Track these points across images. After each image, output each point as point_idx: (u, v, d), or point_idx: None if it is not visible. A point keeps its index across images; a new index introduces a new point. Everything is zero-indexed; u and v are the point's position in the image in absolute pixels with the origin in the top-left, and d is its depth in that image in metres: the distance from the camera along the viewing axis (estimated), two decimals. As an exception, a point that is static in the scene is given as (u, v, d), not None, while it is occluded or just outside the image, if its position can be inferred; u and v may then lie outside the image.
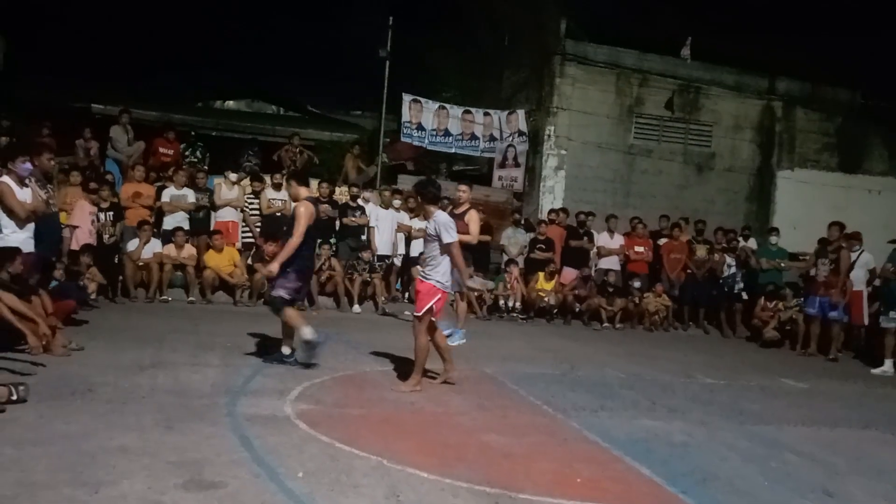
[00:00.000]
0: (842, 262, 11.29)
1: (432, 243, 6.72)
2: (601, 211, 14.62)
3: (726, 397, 7.53)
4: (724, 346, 12.14)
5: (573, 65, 16.13)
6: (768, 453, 5.49)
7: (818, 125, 17.37)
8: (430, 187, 7.06)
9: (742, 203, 17.03)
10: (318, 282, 12.01)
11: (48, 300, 7.36)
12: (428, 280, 6.68)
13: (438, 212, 6.80)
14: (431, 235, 6.71)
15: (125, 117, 13.89)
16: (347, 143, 17.41)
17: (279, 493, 3.92)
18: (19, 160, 7.40)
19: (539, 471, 4.68)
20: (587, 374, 8.14)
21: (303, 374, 6.80)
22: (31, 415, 4.90)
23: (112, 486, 3.81)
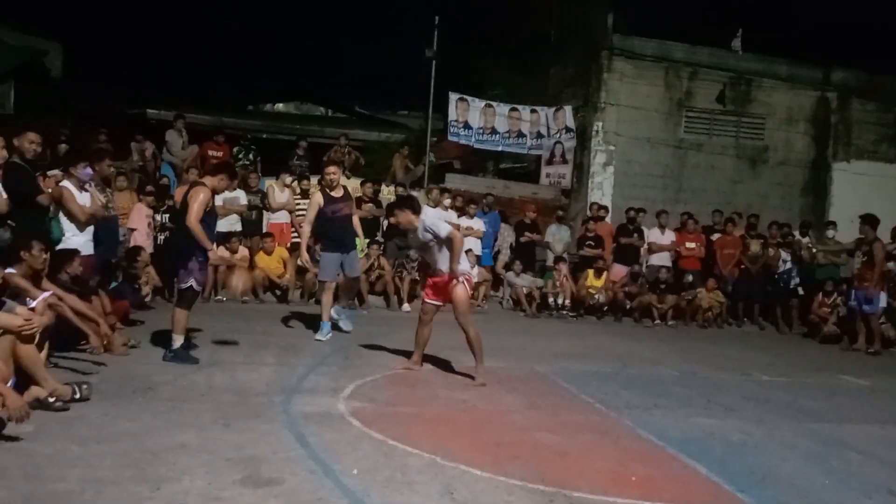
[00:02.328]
0: (876, 254, 11.00)
1: (430, 245, 6.85)
2: (651, 207, 14.43)
3: (784, 395, 7.38)
4: (781, 343, 11.89)
5: (621, 59, 15.93)
6: (829, 452, 5.37)
7: (875, 116, 16.86)
8: (409, 200, 7.39)
9: (797, 197, 16.63)
10: (368, 281, 12.11)
11: (107, 301, 7.57)
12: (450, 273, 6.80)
13: (422, 215, 6.91)
14: (430, 239, 6.81)
15: (180, 122, 14.18)
16: (395, 143, 17.51)
17: (335, 490, 3.96)
18: (80, 166, 7.65)
19: (593, 469, 4.65)
20: (639, 372, 8.06)
21: (356, 372, 6.87)
22: (95, 413, 5.05)
23: (174, 483, 3.90)
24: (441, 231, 6.74)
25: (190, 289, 6.89)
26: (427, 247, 6.96)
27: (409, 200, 7.26)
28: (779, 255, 13.42)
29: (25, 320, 4.97)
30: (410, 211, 6.94)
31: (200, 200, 6.70)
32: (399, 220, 7.19)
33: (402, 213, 7.03)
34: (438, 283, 6.97)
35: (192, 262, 6.82)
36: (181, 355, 6.85)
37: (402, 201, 7.29)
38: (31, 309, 5.41)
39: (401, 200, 7.30)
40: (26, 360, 4.97)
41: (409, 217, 6.93)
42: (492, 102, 16.41)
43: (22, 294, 5.87)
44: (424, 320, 7.14)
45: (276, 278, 11.98)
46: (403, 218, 7.00)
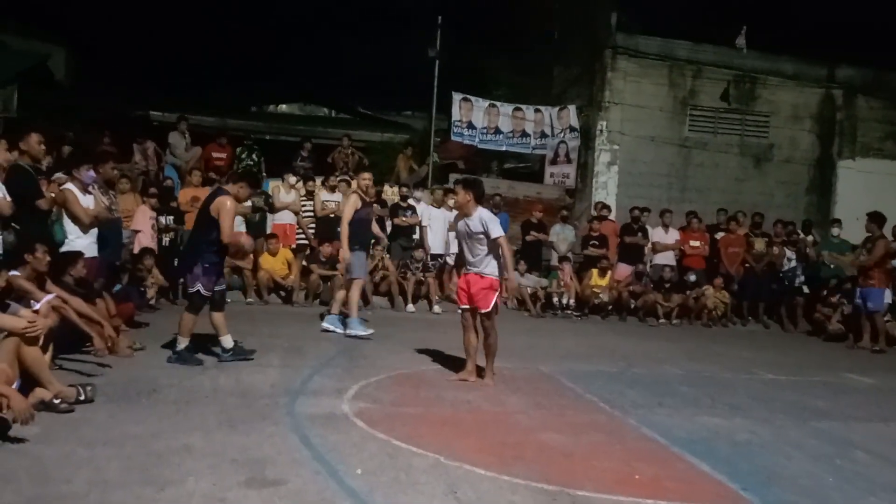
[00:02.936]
0: (875, 250, 10.97)
1: (476, 240, 6.74)
2: (656, 206, 14.40)
3: (790, 394, 7.36)
4: (786, 342, 11.86)
5: (624, 58, 15.91)
6: (836, 451, 5.35)
7: (881, 113, 16.81)
8: (481, 185, 7.12)
9: (802, 195, 16.59)
10: (372, 282, 12.11)
11: (112, 303, 7.59)
12: (486, 276, 6.73)
13: (481, 208, 6.84)
14: (476, 232, 6.71)
15: (183, 124, 14.21)
16: (398, 144, 17.51)
17: (339, 491, 3.96)
18: (84, 168, 7.67)
19: (598, 469, 4.64)
20: (644, 372, 8.04)
21: (360, 374, 6.87)
22: (100, 415, 5.06)
23: (179, 484, 3.91)
24: (493, 232, 6.65)
25: (197, 293, 6.88)
26: (469, 239, 6.81)
27: (476, 185, 7.05)
28: (783, 254, 13.39)
29: (29, 322, 4.99)
30: (473, 196, 6.83)
31: (231, 211, 6.82)
32: (458, 199, 7.08)
33: (464, 194, 6.86)
34: (469, 284, 6.81)
35: (197, 268, 6.83)
36: (184, 357, 6.85)
37: (470, 183, 7.02)
38: (34, 311, 5.43)
39: (469, 182, 7.09)
40: (31, 362, 4.99)
41: (469, 200, 6.81)
42: (495, 102, 16.41)
43: (26, 296, 5.89)
44: (466, 326, 6.95)
45: (280, 279, 11.99)
46: (463, 199, 6.87)
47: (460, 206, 7.02)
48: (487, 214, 6.82)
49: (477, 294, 6.76)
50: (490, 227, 6.67)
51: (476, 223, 6.73)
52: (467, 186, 6.93)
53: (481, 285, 6.75)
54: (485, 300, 6.73)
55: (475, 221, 6.74)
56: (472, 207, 6.80)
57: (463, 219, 6.93)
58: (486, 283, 6.73)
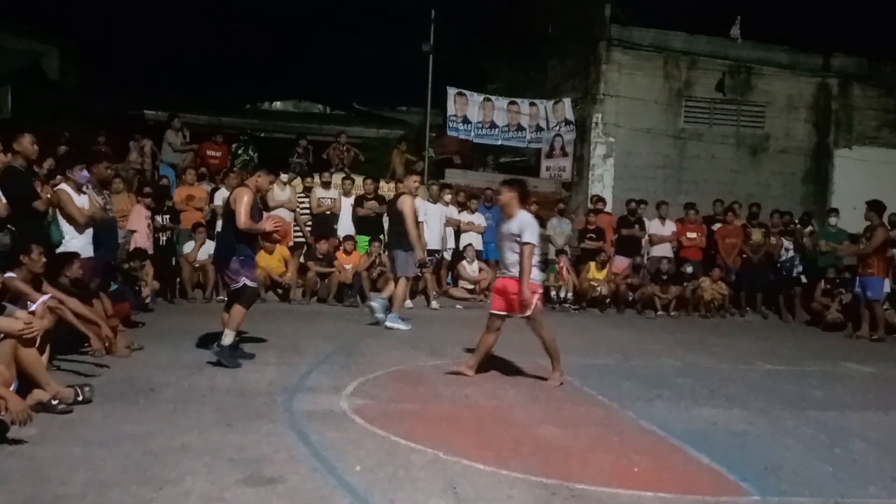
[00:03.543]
0: (874, 238, 10.97)
1: (511, 243, 6.61)
2: (652, 198, 14.39)
3: (787, 384, 7.36)
4: (784, 332, 11.87)
5: (619, 50, 15.89)
6: (833, 441, 5.35)
7: (877, 101, 16.81)
8: (525, 185, 7.04)
9: (798, 185, 16.59)
10: (370, 278, 12.11)
11: (108, 303, 7.58)
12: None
13: (522, 210, 6.71)
14: (513, 234, 6.58)
15: (177, 122, 14.18)
16: (394, 139, 17.49)
17: (338, 488, 3.96)
18: (77, 168, 7.66)
19: (596, 462, 4.65)
20: (642, 364, 8.04)
21: (358, 370, 6.87)
22: (98, 415, 5.05)
23: (176, 484, 3.91)
24: (525, 236, 6.49)
25: (244, 287, 6.82)
26: (507, 241, 6.68)
27: (521, 185, 6.93)
28: (781, 244, 13.39)
29: (26, 324, 4.99)
30: (518, 196, 6.71)
31: (245, 202, 6.76)
32: (502, 199, 6.85)
33: (508, 193, 6.71)
34: (507, 288, 6.67)
35: (234, 263, 6.79)
36: (226, 354, 6.68)
37: (515, 183, 6.91)
38: (31, 312, 5.42)
39: (514, 182, 6.97)
40: (28, 363, 4.98)
41: (513, 201, 6.67)
42: (490, 96, 16.39)
43: (22, 298, 5.88)
44: (490, 328, 6.83)
45: (277, 277, 11.98)
46: (507, 198, 6.71)
47: (503, 206, 6.83)
48: (527, 218, 6.64)
49: (515, 299, 6.58)
50: (524, 231, 6.51)
51: (514, 224, 6.60)
52: (512, 186, 6.79)
53: (518, 290, 6.56)
54: (525, 305, 6.54)
55: (514, 223, 6.61)
56: (515, 208, 6.66)
57: (506, 219, 6.78)
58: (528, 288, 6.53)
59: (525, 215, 6.69)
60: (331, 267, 11.93)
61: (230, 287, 7.00)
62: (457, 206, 13.53)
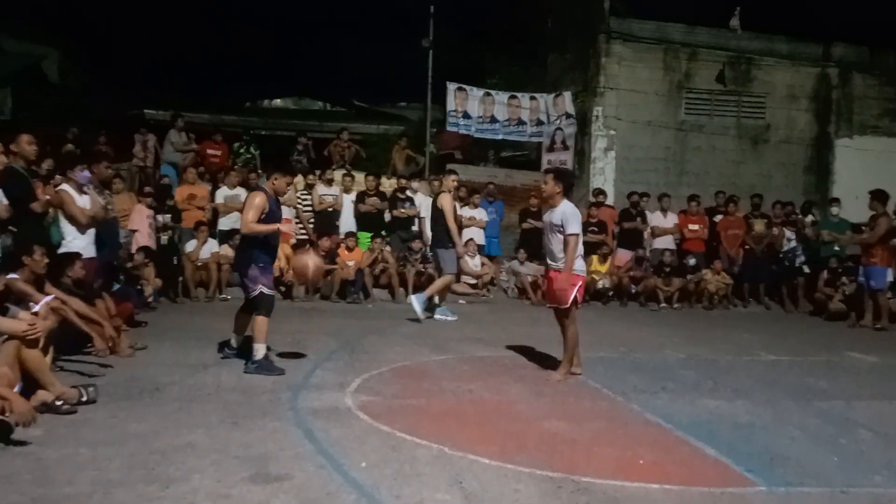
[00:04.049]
0: (877, 228, 10.95)
1: (555, 234, 6.58)
2: (654, 190, 14.36)
3: (792, 375, 7.36)
4: (787, 322, 11.85)
5: (619, 43, 15.85)
6: (838, 431, 5.35)
7: (878, 90, 16.76)
8: (571, 176, 7.00)
9: (800, 175, 16.56)
10: (372, 274, 12.11)
11: (111, 303, 7.58)
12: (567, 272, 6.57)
13: (566, 201, 6.66)
14: (556, 225, 6.56)
15: (180, 122, 14.18)
16: (395, 136, 17.47)
17: (344, 485, 3.97)
18: (77, 168, 7.65)
19: (601, 455, 4.65)
20: (646, 357, 8.04)
21: (362, 367, 6.86)
22: (103, 415, 5.06)
23: (182, 482, 3.91)
24: (569, 227, 6.48)
25: (261, 294, 6.61)
26: (550, 232, 6.66)
27: (567, 176, 6.86)
28: (783, 235, 13.37)
29: (29, 325, 5.00)
30: (563, 188, 6.66)
31: (255, 205, 6.58)
32: (546, 189, 6.74)
33: (553, 184, 6.64)
34: (551, 281, 6.69)
35: (253, 270, 6.60)
36: (265, 366, 6.49)
37: (561, 174, 6.82)
38: (34, 313, 5.42)
39: (560, 172, 6.93)
40: (32, 364, 4.99)
41: (557, 192, 6.63)
42: (491, 91, 16.38)
43: (25, 299, 5.88)
44: (567, 322, 6.76)
45: (278, 275, 11.95)
46: (552, 189, 6.65)
47: (547, 196, 6.76)
48: (570, 209, 6.61)
49: (553, 289, 6.61)
50: (568, 222, 6.49)
51: (557, 215, 6.56)
52: (557, 177, 6.74)
53: (559, 279, 6.58)
54: (564, 296, 6.58)
55: (557, 214, 6.58)
56: (559, 199, 6.62)
57: (548, 210, 6.75)
58: (567, 278, 6.55)
59: (568, 206, 6.65)
60: (333, 264, 11.92)
61: (247, 294, 6.77)
62: (459, 200, 13.51)
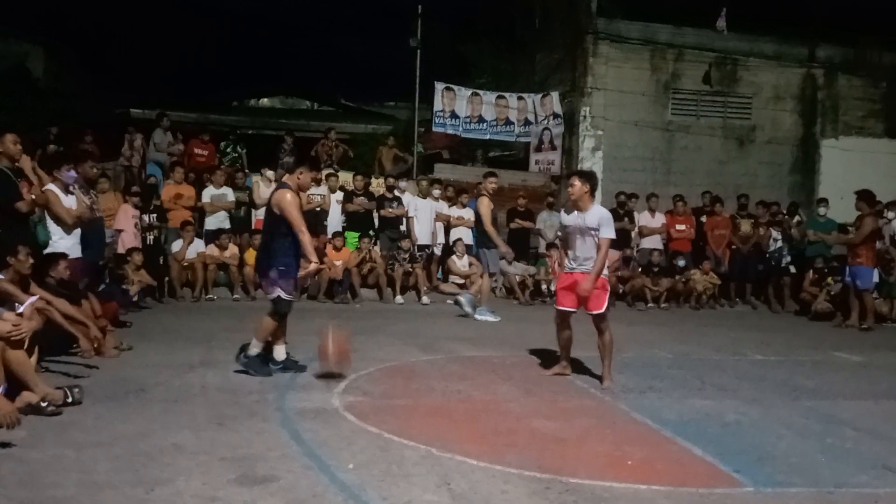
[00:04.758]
0: (862, 228, 11.03)
1: (587, 237, 6.45)
2: (641, 190, 14.41)
3: (779, 373, 7.40)
4: (774, 322, 11.93)
5: (606, 43, 15.88)
6: (825, 429, 5.38)
7: (862, 91, 16.87)
8: (596, 177, 6.82)
9: (786, 175, 16.64)
10: (360, 274, 12.08)
11: (97, 303, 7.53)
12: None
13: (597, 205, 6.58)
14: (591, 228, 6.41)
15: (165, 121, 14.10)
16: (382, 135, 17.45)
17: (331, 486, 3.94)
18: (63, 168, 7.59)
19: (590, 454, 4.66)
20: (634, 356, 8.04)
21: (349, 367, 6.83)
22: (88, 416, 5.01)
23: (169, 484, 3.88)
24: (606, 232, 6.37)
25: (278, 298, 6.39)
26: (582, 235, 6.48)
27: (594, 177, 6.72)
28: (769, 234, 13.44)
29: (14, 325, 4.95)
30: (591, 189, 6.53)
31: (295, 204, 6.34)
32: (574, 191, 6.51)
33: (581, 185, 6.46)
34: (575, 283, 6.49)
35: (273, 272, 6.37)
36: (255, 364, 6.38)
37: (587, 175, 6.69)
38: (18, 314, 5.37)
39: (587, 174, 6.78)
40: (16, 365, 4.94)
41: (585, 192, 6.45)
42: (478, 91, 16.38)
43: (10, 300, 5.82)
44: (561, 326, 6.73)
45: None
46: (580, 191, 6.46)
47: (576, 199, 6.55)
48: (605, 212, 6.52)
49: (588, 295, 6.45)
50: (603, 226, 6.38)
51: (593, 218, 6.39)
52: (584, 178, 6.55)
53: (591, 283, 6.43)
54: (598, 301, 6.46)
55: (592, 216, 6.40)
56: (588, 201, 6.50)
57: (574, 211, 6.54)
58: (599, 283, 6.47)
59: (602, 210, 6.56)
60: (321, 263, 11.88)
61: (266, 295, 6.61)
62: (446, 200, 13.52)
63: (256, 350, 6.44)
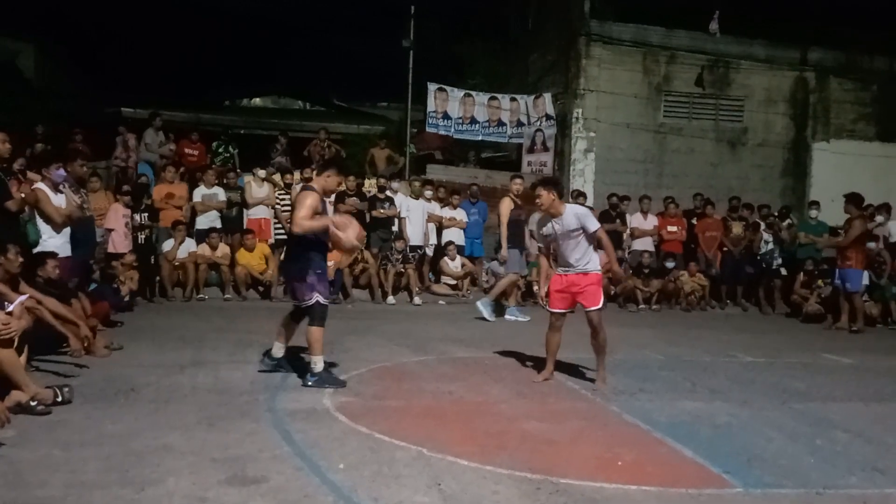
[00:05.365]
0: (851, 230, 11.08)
1: (572, 240, 6.45)
2: (633, 192, 14.45)
3: (769, 376, 7.42)
4: (764, 324, 11.97)
5: (599, 45, 15.91)
6: (815, 431, 5.39)
7: (854, 94, 16.96)
8: (560, 182, 6.94)
9: (777, 178, 16.71)
10: (352, 274, 12.07)
11: (87, 302, 7.50)
12: (591, 273, 6.49)
13: (568, 204, 6.59)
14: (572, 230, 6.41)
15: (158, 121, 14.05)
16: (375, 136, 17.44)
17: (322, 486, 3.94)
18: (53, 167, 7.56)
19: (581, 456, 4.66)
20: (625, 358, 8.05)
21: (341, 367, 6.81)
22: (77, 416, 4.99)
23: (158, 485, 3.87)
24: (591, 225, 6.40)
25: (317, 304, 6.13)
26: (567, 240, 6.47)
27: (557, 183, 6.72)
28: (761, 237, 13.49)
29: (3, 324, 4.91)
30: (557, 194, 6.53)
31: (307, 205, 5.96)
32: (542, 201, 6.51)
33: (547, 194, 6.46)
34: (570, 285, 6.50)
35: (311, 276, 6.08)
36: (325, 378, 6.14)
37: (550, 182, 6.64)
38: (8, 313, 5.33)
39: (549, 181, 6.68)
40: (6, 364, 4.91)
41: (554, 200, 6.46)
42: (471, 92, 16.39)
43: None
44: (555, 328, 6.68)
45: (258, 275, 11.91)
46: (548, 199, 6.46)
47: (547, 208, 6.55)
48: (580, 209, 6.57)
49: (584, 292, 6.47)
50: (586, 222, 6.41)
51: (571, 220, 6.41)
52: (548, 186, 6.54)
53: (587, 282, 6.46)
54: (594, 297, 6.46)
55: (569, 219, 6.41)
56: (560, 206, 6.50)
57: (550, 220, 6.54)
58: (593, 279, 6.47)
59: (577, 208, 6.67)
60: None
61: (299, 303, 6.23)
62: (438, 201, 13.52)
63: (320, 365, 6.16)
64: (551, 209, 6.51)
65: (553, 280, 6.73)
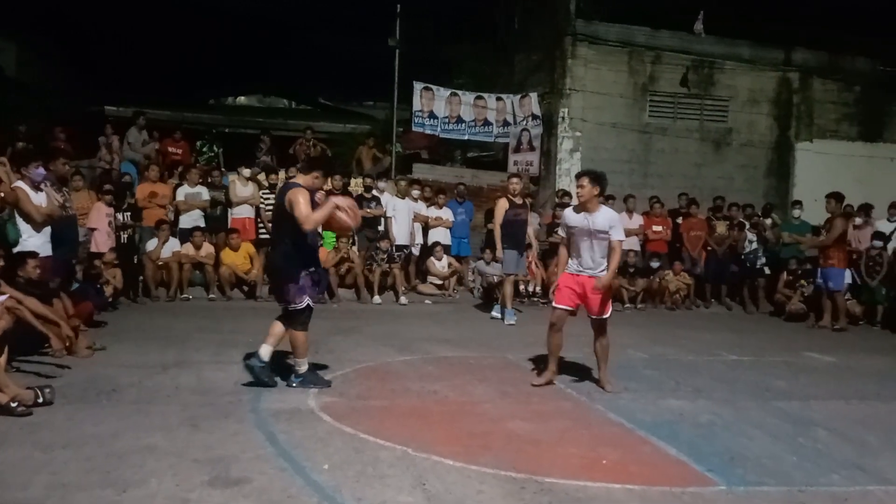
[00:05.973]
0: (832, 230, 11.16)
1: (594, 240, 6.34)
2: (619, 192, 14.44)
3: (752, 374, 7.46)
4: (748, 323, 12.03)
5: (584, 45, 15.93)
6: (797, 430, 5.43)
7: (837, 95, 17.08)
8: (606, 179, 6.52)
9: (761, 178, 16.80)
10: (338, 274, 12.03)
11: (69, 302, 7.43)
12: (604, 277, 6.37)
13: (605, 207, 6.48)
14: (600, 231, 6.30)
15: (142, 120, 13.95)
16: (361, 135, 17.40)
17: (305, 487, 3.93)
18: (32, 165, 7.48)
19: (565, 455, 4.67)
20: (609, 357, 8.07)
21: (325, 368, 6.80)
22: (59, 417, 4.95)
23: (141, 486, 3.85)
24: (617, 234, 6.30)
25: (307, 307, 6.01)
26: (591, 238, 6.33)
27: (604, 179, 6.47)
28: (745, 236, 13.57)
29: (-17, 325, 4.87)
30: (600, 192, 6.40)
31: (304, 201, 5.83)
32: (583, 193, 6.37)
33: (591, 187, 6.32)
34: (584, 287, 6.39)
35: (304, 279, 5.94)
36: (310, 379, 6.10)
37: (598, 176, 6.40)
38: (-12, 314, 5.29)
39: (597, 175, 6.42)
40: (-15, 366, 4.86)
41: (595, 196, 6.33)
42: (457, 91, 16.37)
43: (-21, 299, 5.73)
44: (557, 328, 6.57)
45: (243, 274, 11.85)
46: (589, 193, 6.32)
47: (585, 200, 6.41)
48: (614, 214, 6.44)
49: (595, 298, 6.37)
50: (614, 228, 6.31)
51: (603, 221, 6.29)
52: (595, 180, 6.36)
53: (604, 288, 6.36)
54: (605, 305, 6.41)
55: (601, 219, 6.29)
56: (596, 203, 6.38)
57: (583, 213, 6.40)
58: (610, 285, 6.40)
59: (612, 212, 6.51)
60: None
61: (288, 306, 6.03)
62: (424, 201, 13.50)
63: (304, 367, 6.12)
64: (588, 203, 6.39)
65: (563, 276, 6.63)
